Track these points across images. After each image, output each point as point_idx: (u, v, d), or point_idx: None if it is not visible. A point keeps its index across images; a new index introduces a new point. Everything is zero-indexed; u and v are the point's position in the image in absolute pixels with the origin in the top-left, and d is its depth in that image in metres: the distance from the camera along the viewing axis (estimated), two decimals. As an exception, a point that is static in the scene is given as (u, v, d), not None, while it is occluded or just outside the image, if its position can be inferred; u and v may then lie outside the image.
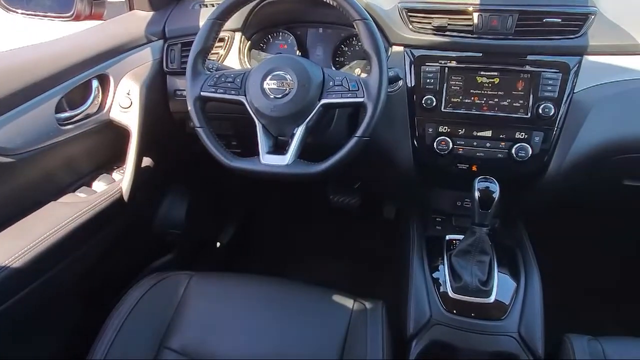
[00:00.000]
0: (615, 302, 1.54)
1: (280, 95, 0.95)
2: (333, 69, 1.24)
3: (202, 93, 0.99)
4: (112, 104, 1.16)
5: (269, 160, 0.97)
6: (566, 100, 1.04)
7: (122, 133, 1.18)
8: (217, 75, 1.00)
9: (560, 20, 1.03)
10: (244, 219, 1.94)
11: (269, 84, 0.96)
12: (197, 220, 1.55)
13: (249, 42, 1.26)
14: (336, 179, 1.82)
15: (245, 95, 0.99)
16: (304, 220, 2.05)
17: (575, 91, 1.04)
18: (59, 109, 1.03)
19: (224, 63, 1.23)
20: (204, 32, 1.00)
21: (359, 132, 0.93)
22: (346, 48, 1.25)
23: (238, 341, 0.95)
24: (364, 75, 1.13)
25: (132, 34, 1.21)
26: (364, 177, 1.57)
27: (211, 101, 1.01)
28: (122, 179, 1.19)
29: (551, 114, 1.03)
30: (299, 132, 0.96)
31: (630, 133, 1.03)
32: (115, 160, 1.25)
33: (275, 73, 0.96)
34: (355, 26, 0.94)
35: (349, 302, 1.02)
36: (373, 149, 1.14)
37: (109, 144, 1.21)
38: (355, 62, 1.23)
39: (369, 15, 0.93)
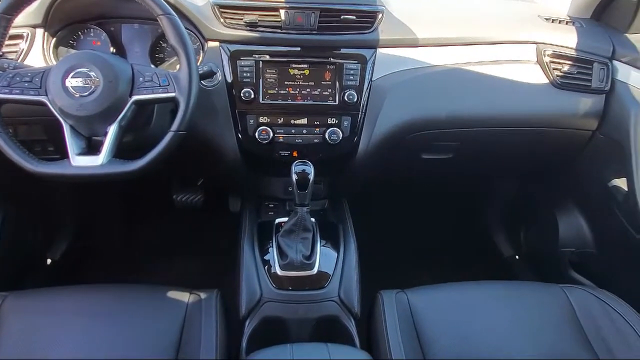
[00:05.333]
0: (426, 258, 1.79)
1: (86, 94, 0.91)
2: (152, 65, 1.22)
3: None
4: None
5: (80, 162, 0.93)
6: (367, 88, 1.18)
7: None
8: (11, 75, 0.92)
9: (355, 17, 1.16)
10: (80, 229, 1.80)
11: (72, 81, 0.91)
12: (15, 236, 1.40)
13: (54, 39, 1.17)
14: (178, 178, 1.80)
15: (46, 95, 0.92)
16: (149, 223, 1.98)
17: (373, 79, 1.19)
18: None
19: (25, 62, 1.13)
20: None
21: (174, 127, 0.94)
22: (165, 44, 1.24)
23: (65, 356, 0.90)
24: None
25: None
26: (194, 172, 1.58)
27: (6, 103, 0.93)
28: None
29: (355, 100, 1.16)
30: (112, 130, 0.94)
31: (417, 114, 1.21)
32: None
33: (78, 70, 0.92)
34: (159, 21, 0.95)
35: (184, 296, 1.03)
36: (200, 143, 1.17)
37: None
38: (176, 58, 1.23)
39: (171, 10, 0.94)
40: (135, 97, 0.94)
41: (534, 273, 1.70)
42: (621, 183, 1.24)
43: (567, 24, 1.34)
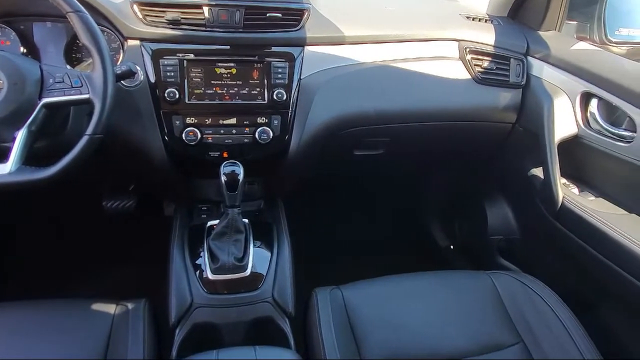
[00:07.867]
0: (365, 253, 1.82)
1: None
2: (67, 66, 1.15)
3: None
4: None
5: None
6: (295, 86, 1.17)
7: None
8: None
9: (280, 15, 1.15)
10: (1, 242, 1.67)
11: None
12: None
13: (-45, 38, 1.08)
14: (108, 183, 1.71)
15: None
16: (78, 233, 1.87)
17: (301, 78, 1.18)
18: None
19: None
20: None
21: (89, 130, 0.89)
22: (82, 43, 1.18)
23: None
24: None
25: None
26: (122, 177, 1.52)
27: None
28: None
29: (284, 98, 1.15)
30: (21, 135, 0.87)
31: (346, 111, 1.22)
32: None
33: None
34: (69, 19, 0.89)
35: (110, 308, 0.98)
36: (123, 146, 1.12)
37: None
38: None
39: (81, 7, 0.89)
40: (45, 100, 0.89)
41: (468, 262, 1.77)
42: (539, 172, 1.31)
43: (486, 22, 1.40)
